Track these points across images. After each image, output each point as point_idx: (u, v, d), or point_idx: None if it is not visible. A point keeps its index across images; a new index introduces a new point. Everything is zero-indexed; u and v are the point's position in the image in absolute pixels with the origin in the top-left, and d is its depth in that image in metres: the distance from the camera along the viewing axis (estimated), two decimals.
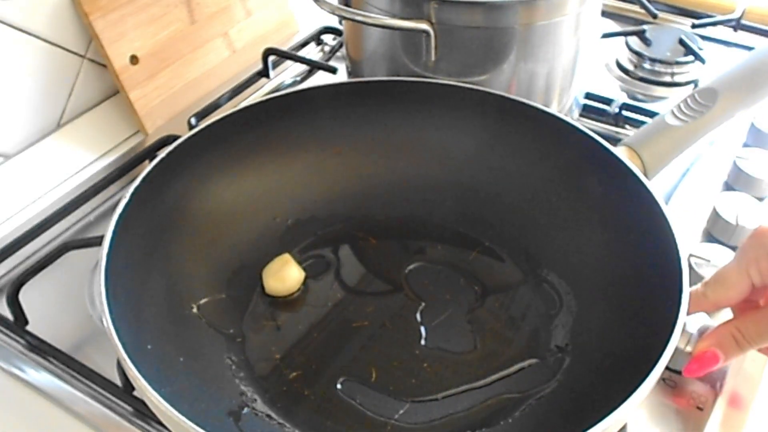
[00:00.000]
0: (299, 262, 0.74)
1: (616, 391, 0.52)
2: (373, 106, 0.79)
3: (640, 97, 1.05)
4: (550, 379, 0.64)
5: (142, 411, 0.65)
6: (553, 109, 0.75)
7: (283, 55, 1.08)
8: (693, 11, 1.19)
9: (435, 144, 0.80)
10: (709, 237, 0.80)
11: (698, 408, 0.64)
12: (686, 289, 0.57)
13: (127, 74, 0.93)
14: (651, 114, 0.97)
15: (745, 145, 0.92)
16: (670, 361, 0.52)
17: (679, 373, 0.66)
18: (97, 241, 0.73)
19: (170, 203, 0.69)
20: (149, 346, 0.59)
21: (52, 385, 0.68)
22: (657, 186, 0.66)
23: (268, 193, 0.77)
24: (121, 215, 0.62)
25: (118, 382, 0.67)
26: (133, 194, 0.64)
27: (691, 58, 1.07)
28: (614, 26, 1.17)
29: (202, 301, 0.68)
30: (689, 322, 0.62)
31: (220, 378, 0.63)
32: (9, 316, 0.72)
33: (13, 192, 0.87)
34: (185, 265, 0.69)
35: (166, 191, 0.69)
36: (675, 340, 0.53)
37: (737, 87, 0.81)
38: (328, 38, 1.18)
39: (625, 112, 0.99)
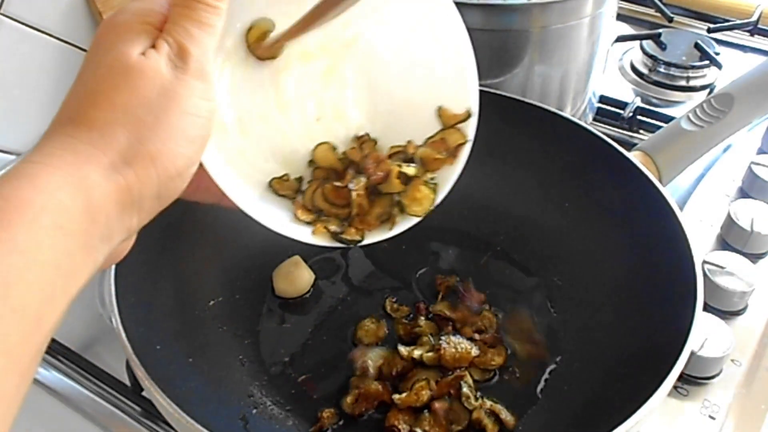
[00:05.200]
0: (310, 264, 0.73)
1: (629, 398, 0.51)
2: None
3: (654, 101, 1.04)
4: (561, 385, 0.63)
5: (150, 411, 0.65)
6: (567, 113, 0.75)
7: None
8: (709, 15, 1.18)
9: None
10: (724, 244, 0.79)
11: (710, 417, 0.64)
12: (700, 297, 0.56)
13: None
14: (666, 118, 0.96)
15: (761, 152, 0.91)
16: (684, 367, 0.52)
17: (692, 380, 0.66)
18: None
19: (180, 203, 0.69)
20: (158, 347, 0.59)
21: (61, 383, 0.68)
22: (671, 191, 0.66)
23: None
24: None
25: (127, 381, 0.67)
26: None
27: (707, 62, 1.06)
28: (629, 30, 1.16)
29: (212, 302, 0.68)
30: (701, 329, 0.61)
31: (229, 379, 0.63)
32: None
33: None
34: (195, 265, 0.69)
35: None
36: (689, 347, 0.53)
37: (754, 92, 0.80)
38: None
39: (639, 117, 0.98)
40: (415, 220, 0.57)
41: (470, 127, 0.58)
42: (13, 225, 0.33)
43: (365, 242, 0.56)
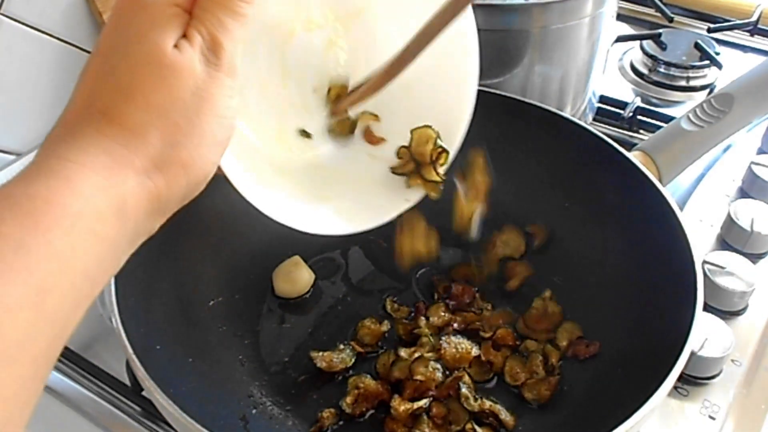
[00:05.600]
0: (310, 264, 0.73)
1: (629, 398, 0.51)
2: None
3: (655, 101, 1.04)
4: (561, 385, 0.63)
5: (150, 411, 0.65)
6: (567, 113, 0.75)
7: None
8: (709, 15, 1.18)
9: None
10: (724, 244, 0.79)
11: (710, 417, 0.64)
12: (700, 297, 0.56)
13: None
14: (666, 118, 0.96)
15: (761, 152, 0.91)
16: (684, 367, 0.52)
17: (692, 380, 0.66)
18: None
19: None
20: (158, 347, 0.59)
21: (61, 383, 0.68)
22: (671, 191, 0.65)
23: None
24: None
25: (127, 381, 0.67)
26: None
27: (707, 62, 1.06)
28: (629, 30, 1.16)
29: (212, 302, 0.68)
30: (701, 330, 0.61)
31: (229, 379, 0.63)
32: None
33: None
34: (195, 265, 0.69)
35: None
36: (689, 347, 0.53)
37: (754, 92, 0.80)
38: None
39: (639, 117, 0.98)
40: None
41: (463, 125, 0.58)
42: (51, 229, 0.33)
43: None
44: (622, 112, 0.99)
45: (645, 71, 1.08)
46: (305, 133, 0.59)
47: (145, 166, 0.37)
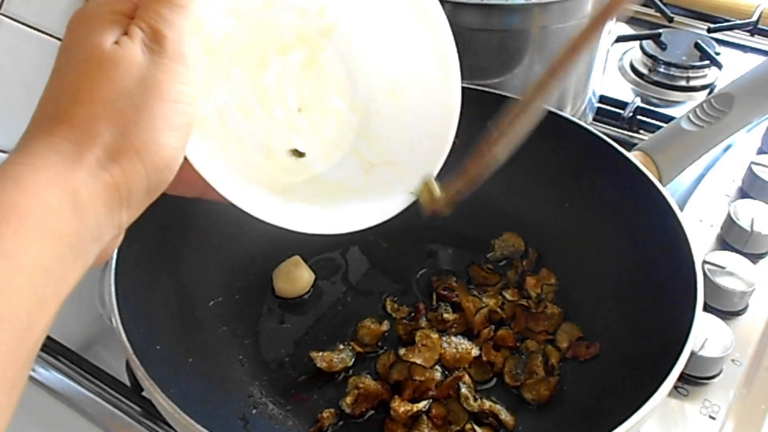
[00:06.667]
0: (310, 264, 0.73)
1: (629, 398, 0.51)
2: None
3: (655, 101, 1.04)
4: (560, 385, 0.63)
5: (150, 411, 0.65)
6: (567, 113, 0.75)
7: None
8: (709, 15, 1.18)
9: None
10: (724, 244, 0.79)
11: (710, 417, 0.64)
12: (700, 297, 0.56)
13: None
14: (666, 118, 0.96)
15: (761, 152, 0.91)
16: (684, 367, 0.52)
17: (692, 380, 0.66)
18: None
19: (179, 204, 0.69)
20: (158, 347, 0.59)
21: (61, 383, 0.68)
22: (671, 191, 0.65)
23: None
24: None
25: (127, 381, 0.67)
26: None
27: (707, 62, 1.06)
28: (629, 30, 1.16)
29: (212, 302, 0.68)
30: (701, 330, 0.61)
31: (228, 379, 0.63)
32: None
33: None
34: (195, 266, 0.69)
35: None
36: (689, 347, 0.53)
37: (754, 92, 0.80)
38: None
39: (639, 117, 0.98)
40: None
41: (453, 123, 0.58)
42: None
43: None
44: (622, 112, 0.99)
45: (645, 71, 1.08)
46: (298, 153, 0.59)
47: (98, 158, 0.36)
